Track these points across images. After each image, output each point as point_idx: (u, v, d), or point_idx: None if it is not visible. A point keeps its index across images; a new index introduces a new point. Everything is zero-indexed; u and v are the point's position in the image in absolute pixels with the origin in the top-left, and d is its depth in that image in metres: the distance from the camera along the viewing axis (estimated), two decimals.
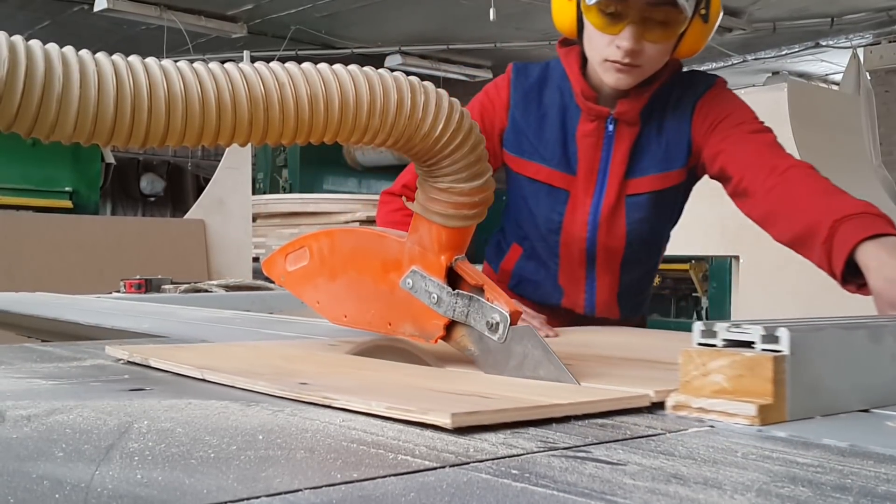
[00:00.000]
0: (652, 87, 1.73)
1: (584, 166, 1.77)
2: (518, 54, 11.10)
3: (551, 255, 1.86)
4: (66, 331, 1.83)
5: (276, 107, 0.88)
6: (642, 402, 0.86)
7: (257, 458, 0.63)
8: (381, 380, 0.97)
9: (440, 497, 0.54)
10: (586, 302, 1.87)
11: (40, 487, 0.55)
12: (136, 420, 0.75)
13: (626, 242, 1.81)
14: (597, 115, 1.75)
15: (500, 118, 1.82)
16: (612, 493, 0.56)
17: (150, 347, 1.18)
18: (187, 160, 14.47)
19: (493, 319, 1.01)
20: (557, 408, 0.79)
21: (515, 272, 1.92)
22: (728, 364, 0.81)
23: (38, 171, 5.93)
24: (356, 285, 1.14)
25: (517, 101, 1.81)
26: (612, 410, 0.83)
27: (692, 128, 1.74)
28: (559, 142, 1.78)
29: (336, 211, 8.48)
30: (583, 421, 0.80)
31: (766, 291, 3.71)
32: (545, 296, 1.89)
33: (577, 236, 1.81)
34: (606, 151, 1.76)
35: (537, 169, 1.80)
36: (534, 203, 1.83)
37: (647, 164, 1.77)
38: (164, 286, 3.07)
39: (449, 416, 0.71)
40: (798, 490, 0.58)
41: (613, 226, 1.79)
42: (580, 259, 1.83)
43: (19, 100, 0.77)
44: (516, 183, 1.86)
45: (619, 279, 1.86)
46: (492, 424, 0.74)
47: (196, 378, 0.98)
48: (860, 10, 9.12)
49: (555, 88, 1.80)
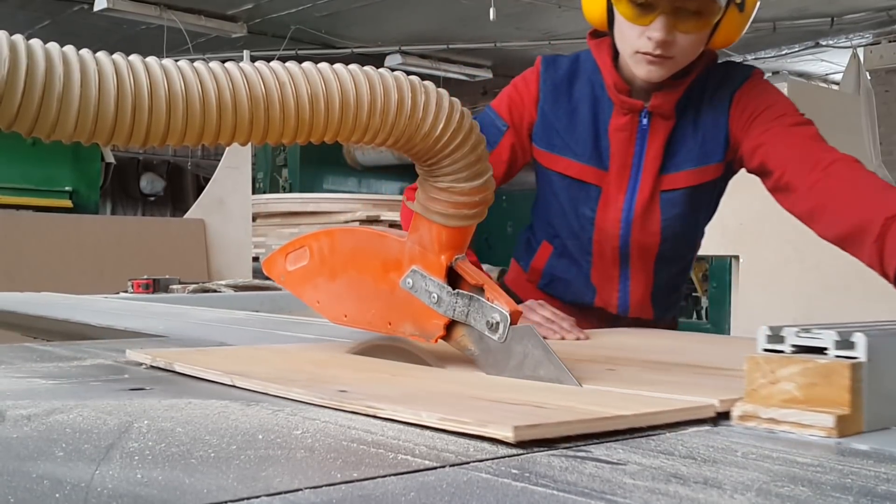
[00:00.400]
0: (687, 79, 1.67)
1: (616, 161, 1.73)
2: (518, 54, 11.10)
3: (583, 252, 1.81)
4: (76, 332, 1.79)
5: (276, 106, 0.88)
6: (707, 412, 0.81)
7: (257, 457, 0.63)
8: (421, 387, 0.94)
9: (440, 497, 0.54)
10: (619, 301, 1.82)
11: (40, 487, 0.55)
12: (136, 420, 0.75)
13: (661, 239, 1.77)
14: (630, 109, 1.70)
15: (529, 112, 1.77)
16: (612, 492, 0.56)
17: (174, 352, 1.15)
18: (187, 160, 14.46)
19: (494, 319, 1.01)
20: (622, 419, 0.74)
21: (546, 271, 1.88)
22: (800, 371, 0.76)
23: (38, 171, 5.93)
24: (356, 285, 1.14)
25: (546, 94, 1.76)
26: (677, 422, 0.79)
27: (730, 121, 1.69)
28: (590, 136, 1.73)
29: (336, 210, 8.48)
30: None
31: (766, 291, 3.71)
32: (577, 295, 1.85)
33: (609, 233, 1.76)
34: (640, 146, 1.72)
35: (568, 164, 1.76)
36: (565, 199, 1.79)
37: (682, 159, 1.72)
38: (171, 286, 3.06)
39: (511, 429, 0.66)
40: (798, 490, 0.58)
41: (648, 222, 1.75)
42: (613, 257, 1.79)
43: (20, 99, 0.77)
44: (546, 179, 1.82)
45: (654, 277, 1.81)
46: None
47: (225, 384, 0.94)
48: (860, 9, 9.11)
49: (585, 81, 1.75)
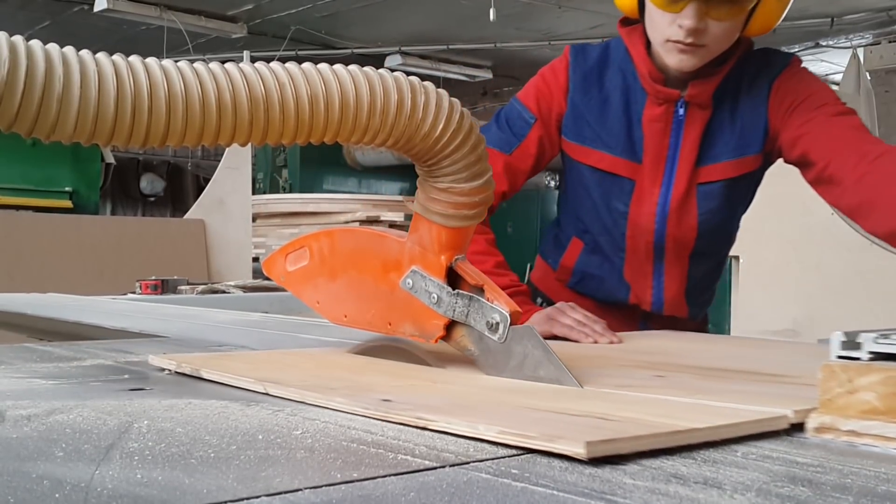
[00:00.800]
0: (724, 67, 1.62)
1: (650, 153, 1.68)
2: (518, 54, 11.11)
3: (616, 248, 1.76)
4: (85, 334, 1.77)
5: (276, 107, 0.88)
6: (780, 423, 0.77)
7: (257, 457, 0.63)
8: (467, 395, 0.90)
9: (440, 497, 0.54)
10: (654, 298, 1.77)
11: (40, 487, 0.55)
12: (136, 420, 0.75)
13: (698, 234, 1.71)
14: (665, 99, 1.64)
15: (558, 103, 1.71)
16: (611, 492, 0.56)
17: (199, 357, 1.12)
18: (187, 160, 14.46)
19: (493, 319, 1.01)
20: (696, 433, 0.70)
21: (577, 268, 1.82)
22: (881, 380, 0.72)
23: (38, 171, 5.93)
24: (356, 285, 1.14)
25: (576, 84, 1.70)
26: (750, 434, 0.75)
27: (769, 110, 1.63)
28: (623, 127, 1.68)
29: (336, 211, 8.48)
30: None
31: (766, 291, 3.71)
32: (610, 292, 1.80)
33: (644, 228, 1.71)
34: (675, 137, 1.66)
35: (600, 157, 1.70)
36: (596, 194, 1.73)
37: (720, 151, 1.66)
38: (179, 287, 3.05)
39: (583, 445, 0.62)
40: (798, 490, 0.58)
41: (684, 216, 1.69)
42: (647, 252, 1.73)
43: (20, 100, 0.77)
44: (576, 172, 1.76)
45: (688, 273, 1.76)
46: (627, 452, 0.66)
47: (259, 392, 0.91)
48: (860, 10, 9.11)
49: (616, 70, 1.70)
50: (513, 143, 1.70)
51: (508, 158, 1.70)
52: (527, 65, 11.90)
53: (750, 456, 0.68)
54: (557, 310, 1.54)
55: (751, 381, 1.06)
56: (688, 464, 0.64)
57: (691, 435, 0.70)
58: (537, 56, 11.33)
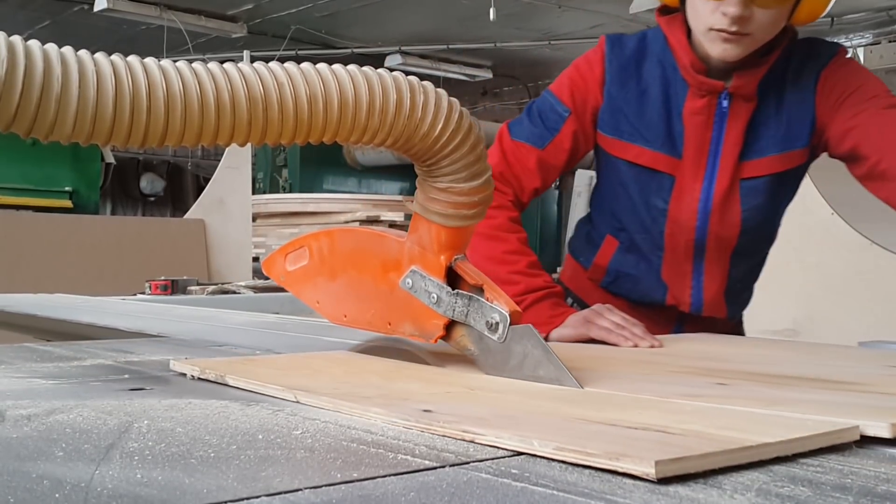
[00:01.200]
0: (770, 57, 1.55)
1: (691, 147, 1.60)
2: (518, 54, 11.10)
3: (654, 247, 1.69)
4: (97, 336, 1.72)
5: (275, 107, 0.88)
6: (852, 435, 0.73)
7: (257, 457, 0.63)
8: (510, 404, 0.86)
9: (440, 497, 0.54)
10: (693, 298, 1.70)
11: (40, 487, 0.55)
12: (136, 420, 0.75)
13: (741, 231, 1.64)
14: (709, 90, 1.57)
15: (594, 96, 1.64)
16: (612, 492, 0.56)
17: (222, 362, 1.08)
18: (187, 160, 14.47)
19: (493, 319, 1.01)
20: (768, 447, 0.66)
21: (611, 267, 1.75)
22: None
23: (37, 171, 5.93)
24: (356, 285, 1.14)
25: (613, 76, 1.63)
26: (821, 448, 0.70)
27: (816, 102, 1.57)
28: (662, 121, 1.61)
29: (336, 211, 8.49)
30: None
31: (766, 291, 3.71)
32: (647, 292, 1.73)
33: (684, 225, 1.64)
34: (718, 130, 1.59)
35: (638, 152, 1.63)
36: (634, 190, 1.66)
37: (765, 145, 1.59)
38: (189, 287, 3.05)
39: (651, 464, 0.58)
40: (798, 489, 0.58)
41: (727, 213, 1.62)
42: (687, 251, 1.66)
43: (18, 100, 0.77)
44: (613, 168, 1.68)
45: (729, 273, 1.69)
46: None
47: (289, 400, 0.87)
48: (860, 9, 9.12)
49: (655, 62, 1.63)
50: (546, 138, 1.65)
51: (541, 153, 1.65)
52: (527, 65, 11.91)
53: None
54: (594, 312, 1.49)
55: (819, 388, 1.00)
56: None
57: (763, 450, 0.66)
58: (537, 56, 11.33)
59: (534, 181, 1.65)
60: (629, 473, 0.59)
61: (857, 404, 0.87)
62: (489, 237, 1.58)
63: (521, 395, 0.90)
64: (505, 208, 1.62)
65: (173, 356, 1.12)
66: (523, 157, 1.65)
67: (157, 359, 1.19)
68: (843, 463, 0.66)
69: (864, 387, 1.00)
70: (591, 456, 0.61)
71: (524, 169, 1.65)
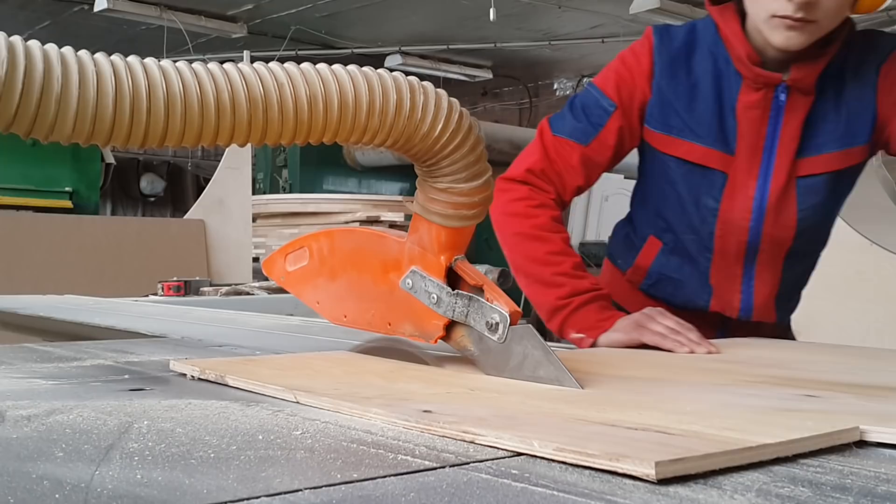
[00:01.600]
0: (830, 48, 1.47)
1: (745, 143, 1.52)
2: (518, 54, 11.11)
3: (702, 249, 1.61)
4: (96, 336, 1.72)
5: (275, 107, 0.88)
6: (851, 436, 0.73)
7: (257, 458, 0.63)
8: (510, 404, 0.85)
9: (440, 497, 0.54)
10: (742, 303, 1.62)
11: (40, 487, 0.55)
12: (136, 420, 0.75)
13: (796, 233, 1.56)
14: (765, 83, 1.49)
15: (642, 89, 1.56)
16: (612, 493, 0.56)
17: (222, 362, 1.08)
18: (187, 160, 14.47)
19: (493, 320, 1.01)
20: (768, 448, 0.66)
21: (653, 269, 1.67)
22: None
23: (38, 172, 5.93)
24: (356, 285, 1.14)
25: (662, 68, 1.55)
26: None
27: (878, 97, 1.50)
28: (714, 115, 1.53)
29: (336, 211, 8.49)
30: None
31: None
32: (689, 297, 1.64)
33: (736, 226, 1.56)
34: (773, 126, 1.51)
35: (689, 148, 1.55)
36: (683, 188, 1.58)
37: (823, 141, 1.52)
38: (202, 288, 3.03)
39: (651, 465, 0.58)
40: (798, 490, 0.58)
41: (782, 213, 1.54)
42: (738, 253, 1.58)
43: (18, 100, 0.77)
44: (661, 165, 1.60)
45: (782, 276, 1.61)
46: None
47: (289, 400, 0.87)
48: None
49: (706, 54, 1.55)
50: (590, 134, 1.57)
51: (585, 150, 1.58)
52: (527, 65, 11.92)
53: None
54: (646, 316, 1.42)
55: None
56: None
57: (763, 451, 0.65)
58: (537, 56, 11.33)
59: (577, 179, 1.59)
60: (629, 474, 0.59)
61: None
62: (532, 237, 1.53)
63: (522, 396, 0.90)
64: (547, 207, 1.56)
65: (173, 356, 1.12)
66: (566, 154, 1.59)
67: (157, 359, 1.19)
68: (843, 463, 0.66)
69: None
70: (591, 457, 0.61)
71: (567, 166, 1.58)
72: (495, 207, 1.55)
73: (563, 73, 12.53)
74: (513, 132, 11.18)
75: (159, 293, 2.93)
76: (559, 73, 12.55)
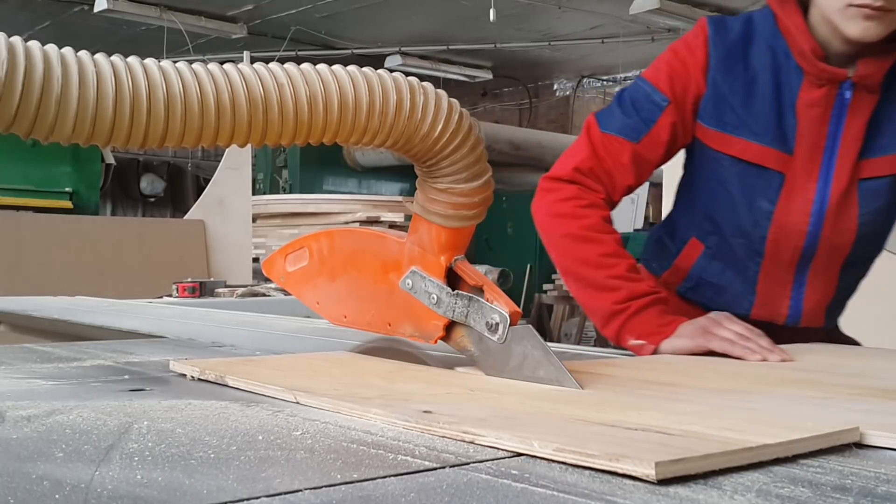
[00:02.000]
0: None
1: (805, 143, 1.44)
2: (518, 55, 11.11)
3: (752, 253, 1.52)
4: (96, 336, 1.72)
5: (275, 108, 0.88)
6: (852, 436, 0.73)
7: (257, 458, 0.63)
8: (509, 404, 0.85)
9: (440, 497, 0.54)
10: (790, 310, 1.53)
11: (40, 488, 0.55)
12: (136, 420, 0.75)
13: (856, 238, 1.49)
14: (829, 79, 1.41)
15: (697, 83, 1.48)
16: (612, 493, 0.56)
17: (222, 363, 1.08)
18: (187, 161, 14.47)
19: (493, 320, 1.01)
20: (767, 449, 0.66)
21: (693, 273, 1.59)
22: None
23: (38, 172, 5.92)
24: (356, 286, 1.14)
25: (718, 61, 1.47)
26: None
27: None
28: (772, 112, 1.45)
29: (336, 211, 8.49)
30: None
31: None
32: (729, 303, 1.54)
33: (794, 230, 1.48)
34: (836, 124, 1.43)
35: (744, 146, 1.46)
36: (737, 189, 1.49)
37: (888, 142, 1.44)
38: (217, 290, 3.01)
39: (651, 465, 0.58)
40: (798, 490, 0.58)
41: (842, 217, 1.47)
42: (792, 258, 1.50)
43: (18, 101, 0.77)
44: (713, 163, 1.52)
45: (837, 283, 1.54)
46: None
47: (289, 401, 0.87)
48: None
49: (764, 47, 1.46)
50: (641, 130, 1.49)
51: (636, 147, 1.49)
52: (527, 65, 11.92)
53: None
54: (713, 321, 1.35)
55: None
56: None
57: (763, 451, 0.65)
58: (537, 57, 11.33)
59: (627, 178, 1.50)
60: (629, 475, 0.59)
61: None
62: (583, 239, 1.46)
63: (522, 396, 0.90)
64: (597, 207, 1.49)
65: (173, 357, 1.12)
66: (615, 152, 1.50)
67: (156, 359, 1.19)
68: (843, 464, 0.66)
69: None
70: (590, 457, 0.61)
71: (617, 164, 1.50)
72: (540, 208, 1.52)
73: (563, 73, 12.53)
74: (513, 132, 11.19)
75: (174, 294, 2.91)
76: (559, 73, 12.55)
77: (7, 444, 0.67)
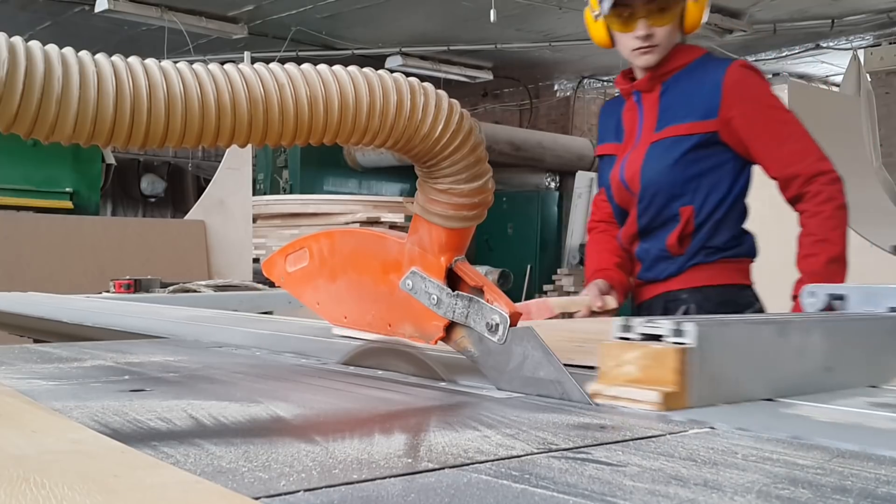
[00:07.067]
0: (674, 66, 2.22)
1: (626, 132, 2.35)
2: (518, 55, 11.11)
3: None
4: (61, 331, 1.80)
5: (275, 108, 0.88)
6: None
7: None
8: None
9: (440, 498, 0.54)
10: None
11: None
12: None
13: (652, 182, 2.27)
14: (627, 92, 2.31)
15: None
16: (612, 494, 0.56)
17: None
18: (188, 161, 14.48)
19: (493, 321, 1.01)
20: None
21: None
22: (639, 355, 0.88)
23: (38, 172, 5.93)
24: (356, 286, 1.14)
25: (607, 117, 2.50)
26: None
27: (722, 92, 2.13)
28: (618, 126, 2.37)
29: (336, 212, 8.50)
30: (583, 423, 0.80)
31: (765, 291, 3.71)
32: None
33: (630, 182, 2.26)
34: (639, 115, 2.29)
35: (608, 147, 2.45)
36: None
37: (671, 116, 2.24)
38: (152, 287, 3.10)
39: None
40: (798, 492, 0.58)
41: (647, 168, 2.24)
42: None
43: (19, 100, 0.77)
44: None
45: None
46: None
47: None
48: (860, 11, 9.12)
49: (621, 98, 2.40)
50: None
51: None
52: (527, 66, 11.92)
53: (750, 458, 0.68)
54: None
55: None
56: (688, 466, 0.64)
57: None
58: (538, 57, 11.34)
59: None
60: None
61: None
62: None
63: None
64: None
65: (173, 357, 1.12)
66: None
67: (157, 360, 1.19)
68: (843, 465, 0.66)
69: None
70: None
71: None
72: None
73: (564, 74, 12.54)
74: (513, 133, 11.20)
75: (111, 290, 3.02)
76: (559, 74, 12.56)
77: None
